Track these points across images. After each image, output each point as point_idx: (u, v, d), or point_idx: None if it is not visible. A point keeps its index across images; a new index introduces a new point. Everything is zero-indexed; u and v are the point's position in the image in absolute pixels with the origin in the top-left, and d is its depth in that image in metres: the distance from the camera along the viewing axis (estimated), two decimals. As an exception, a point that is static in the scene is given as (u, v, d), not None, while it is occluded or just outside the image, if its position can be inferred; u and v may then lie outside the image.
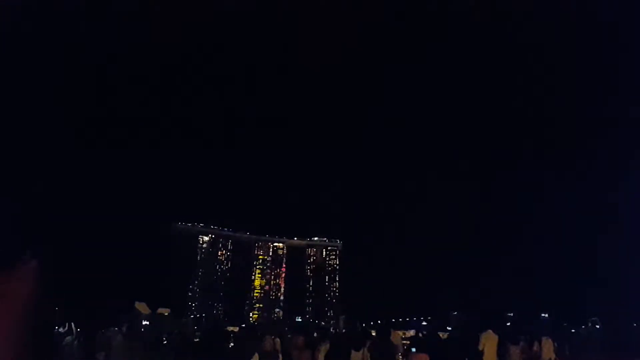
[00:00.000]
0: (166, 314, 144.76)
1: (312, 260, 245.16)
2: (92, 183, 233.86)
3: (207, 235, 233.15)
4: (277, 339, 16.55)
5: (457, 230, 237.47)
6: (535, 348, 19.12)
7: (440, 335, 19.26)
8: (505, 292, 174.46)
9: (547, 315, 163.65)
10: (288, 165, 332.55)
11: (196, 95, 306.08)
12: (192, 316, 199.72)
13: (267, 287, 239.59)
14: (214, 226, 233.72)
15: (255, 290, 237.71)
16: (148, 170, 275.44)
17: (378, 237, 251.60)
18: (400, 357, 15.76)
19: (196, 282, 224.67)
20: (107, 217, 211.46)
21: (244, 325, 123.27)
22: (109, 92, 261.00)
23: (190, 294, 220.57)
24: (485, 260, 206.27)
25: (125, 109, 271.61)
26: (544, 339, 19.51)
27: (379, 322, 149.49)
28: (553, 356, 18.93)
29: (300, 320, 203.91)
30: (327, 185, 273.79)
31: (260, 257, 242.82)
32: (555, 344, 19.81)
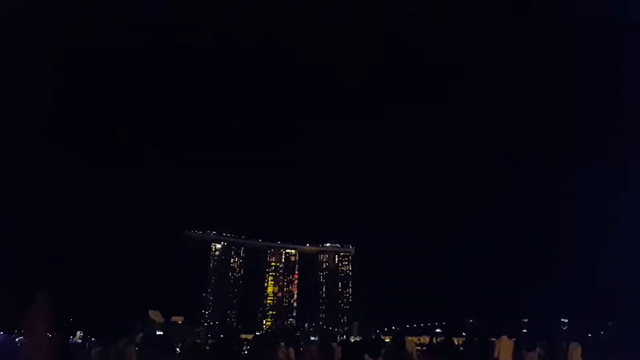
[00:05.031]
0: (179, 322, 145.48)
1: (324, 266, 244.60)
2: (105, 191, 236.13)
3: (219, 243, 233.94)
4: (291, 348, 16.54)
5: (472, 234, 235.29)
6: (559, 353, 18.30)
7: (455, 341, 18.97)
8: (520, 298, 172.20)
9: (566, 320, 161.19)
10: (299, 172, 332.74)
11: (207, 102, 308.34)
12: (205, 324, 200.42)
13: (279, 294, 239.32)
14: (226, 234, 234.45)
15: (268, 298, 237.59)
16: (160, 178, 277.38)
17: (391, 242, 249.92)
18: (415, 364, 15.61)
19: (209, 289, 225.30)
20: (119, 225, 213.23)
21: (257, 333, 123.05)
22: (119, 98, 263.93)
23: (203, 301, 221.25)
24: (500, 265, 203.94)
25: (138, 117, 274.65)
26: (572, 344, 18.34)
27: (393, 328, 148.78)
28: None
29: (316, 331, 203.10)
30: (338, 190, 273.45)
31: (273, 264, 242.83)
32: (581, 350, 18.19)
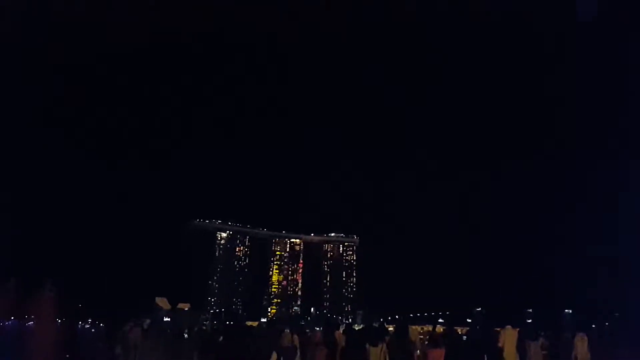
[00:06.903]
0: (186, 309, 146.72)
1: (329, 255, 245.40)
2: (113, 182, 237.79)
3: (225, 232, 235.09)
4: (296, 335, 16.68)
5: (477, 225, 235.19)
6: (564, 344, 18.19)
7: (459, 330, 19.00)
8: (525, 288, 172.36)
9: (570, 311, 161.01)
10: (304, 162, 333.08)
11: (214, 93, 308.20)
12: (211, 311, 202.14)
13: (284, 283, 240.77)
14: (231, 223, 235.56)
15: (273, 286, 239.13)
16: (167, 168, 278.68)
17: (395, 232, 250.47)
18: (418, 352, 15.71)
19: (215, 277, 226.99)
20: (128, 215, 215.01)
21: (262, 320, 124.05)
22: (126, 93, 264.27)
23: (209, 289, 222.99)
24: (505, 255, 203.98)
25: (145, 109, 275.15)
26: (578, 335, 18.25)
27: (396, 317, 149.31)
28: (588, 355, 17.49)
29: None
30: (343, 180, 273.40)
31: (278, 252, 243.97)
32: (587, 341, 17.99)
